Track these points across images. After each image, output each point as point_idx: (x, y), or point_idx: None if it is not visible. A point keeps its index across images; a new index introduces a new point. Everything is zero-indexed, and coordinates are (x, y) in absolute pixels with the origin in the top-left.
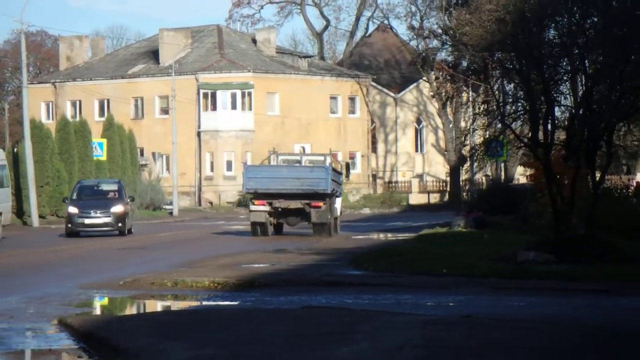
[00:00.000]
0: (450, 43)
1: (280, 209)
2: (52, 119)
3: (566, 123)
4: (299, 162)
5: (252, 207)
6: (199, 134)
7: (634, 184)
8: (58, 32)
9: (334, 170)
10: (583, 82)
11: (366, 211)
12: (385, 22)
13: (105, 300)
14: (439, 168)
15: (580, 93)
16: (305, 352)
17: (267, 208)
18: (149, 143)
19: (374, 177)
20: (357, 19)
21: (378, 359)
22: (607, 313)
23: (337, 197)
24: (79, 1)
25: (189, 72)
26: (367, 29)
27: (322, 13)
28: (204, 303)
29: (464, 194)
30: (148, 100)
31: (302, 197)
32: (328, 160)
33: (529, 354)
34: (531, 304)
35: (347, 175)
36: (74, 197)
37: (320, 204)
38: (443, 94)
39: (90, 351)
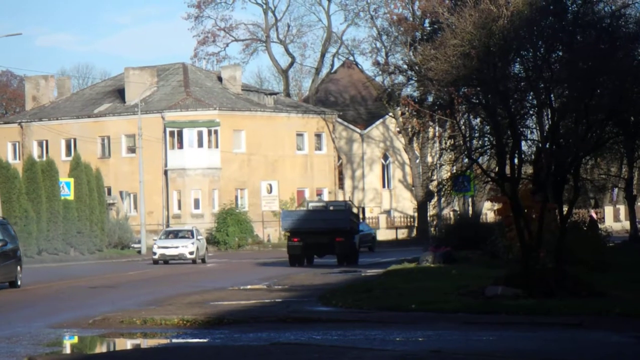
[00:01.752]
0: (415, 78)
1: (310, 244)
2: (19, 159)
3: (533, 157)
4: (325, 207)
5: (290, 243)
6: (166, 172)
7: (589, 218)
8: (24, 72)
9: (352, 213)
10: (549, 116)
11: None
12: (351, 58)
13: (75, 339)
14: (407, 204)
15: (546, 127)
16: None
17: (301, 243)
18: (116, 182)
19: None
20: (322, 56)
21: None
22: (577, 347)
23: (356, 234)
24: (44, 41)
25: (155, 111)
26: (332, 65)
27: (287, 50)
28: (174, 341)
29: (432, 229)
30: (115, 139)
31: (327, 233)
32: (347, 205)
33: None
34: (501, 339)
35: (364, 218)
36: None
37: (342, 239)
38: (409, 129)
39: None
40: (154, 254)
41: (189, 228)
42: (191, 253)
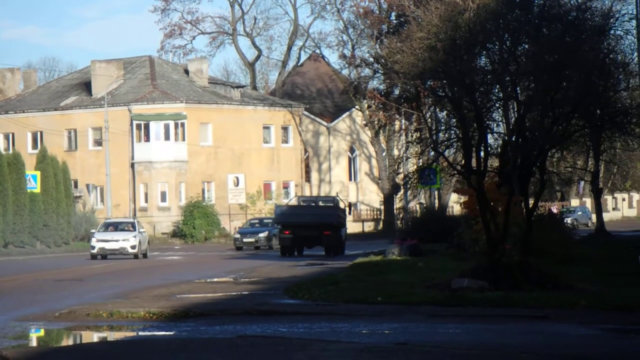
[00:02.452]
0: (382, 71)
1: (300, 236)
2: None
3: (499, 150)
4: (315, 202)
5: (281, 235)
6: (132, 165)
7: (548, 211)
8: None
9: (340, 208)
10: (515, 109)
11: None
12: (317, 51)
13: (42, 332)
14: (373, 197)
15: (512, 120)
16: None
17: (292, 235)
18: (82, 175)
19: None
20: (289, 49)
21: None
22: (543, 339)
23: (343, 227)
24: (10, 33)
25: (121, 104)
26: (299, 58)
27: (254, 43)
28: (140, 333)
29: (398, 222)
30: (81, 132)
31: (316, 227)
32: (335, 201)
33: None
34: (466, 331)
35: (350, 212)
36: None
37: (329, 232)
38: (376, 122)
39: None
40: (92, 247)
41: (130, 220)
42: (133, 247)
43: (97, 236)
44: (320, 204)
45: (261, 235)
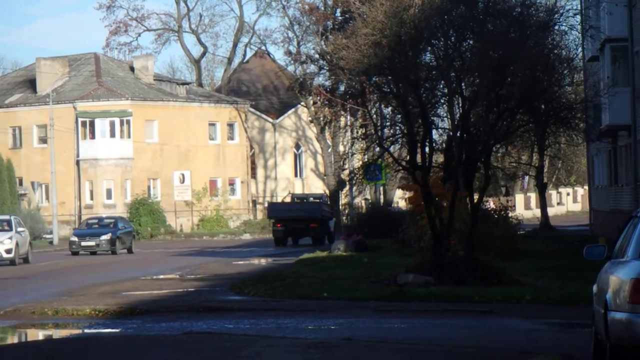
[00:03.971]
0: (327, 68)
1: (290, 228)
2: None
3: (444, 145)
4: (306, 198)
5: (274, 228)
6: (78, 162)
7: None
8: None
9: (326, 204)
10: (460, 105)
11: (247, 237)
12: (263, 48)
13: None
14: (319, 192)
15: (457, 115)
16: None
17: (283, 228)
18: (27, 172)
19: (254, 202)
20: (235, 46)
21: None
22: (487, 334)
23: (330, 220)
24: None
25: (67, 101)
26: (244, 55)
27: (199, 40)
28: (86, 331)
29: (344, 217)
30: (26, 130)
31: (304, 220)
32: (323, 197)
33: None
34: (412, 326)
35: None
36: None
37: (315, 225)
38: (321, 118)
39: None
40: None
41: (6, 217)
42: (8, 252)
43: None
44: (311, 199)
45: (103, 238)
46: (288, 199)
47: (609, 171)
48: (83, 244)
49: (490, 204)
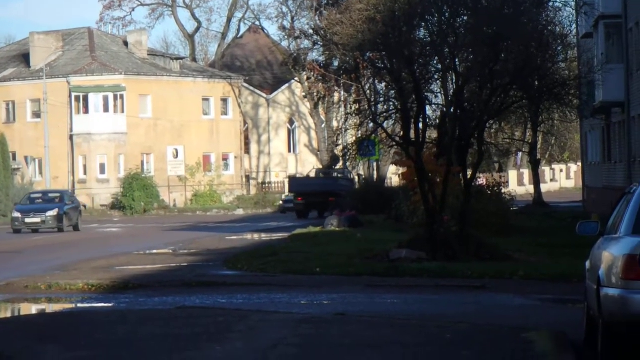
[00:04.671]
0: (321, 43)
1: (310, 202)
2: None
3: (438, 121)
4: (328, 173)
5: (295, 202)
6: (71, 137)
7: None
8: None
9: (347, 179)
10: (454, 81)
11: (240, 212)
12: (257, 23)
13: None
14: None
15: (451, 91)
16: (180, 352)
17: (303, 201)
18: (21, 147)
19: (248, 178)
20: (229, 21)
21: (252, 358)
22: (480, 310)
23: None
24: None
25: (60, 76)
26: (238, 30)
27: (193, 15)
28: (79, 305)
29: None
30: (20, 104)
31: (323, 194)
32: (345, 172)
33: (402, 350)
34: (404, 301)
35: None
36: None
37: (334, 198)
38: (315, 94)
39: None
40: None
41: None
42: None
43: None
44: (334, 175)
45: (49, 214)
46: (313, 174)
47: (603, 148)
48: (27, 220)
49: (483, 180)
